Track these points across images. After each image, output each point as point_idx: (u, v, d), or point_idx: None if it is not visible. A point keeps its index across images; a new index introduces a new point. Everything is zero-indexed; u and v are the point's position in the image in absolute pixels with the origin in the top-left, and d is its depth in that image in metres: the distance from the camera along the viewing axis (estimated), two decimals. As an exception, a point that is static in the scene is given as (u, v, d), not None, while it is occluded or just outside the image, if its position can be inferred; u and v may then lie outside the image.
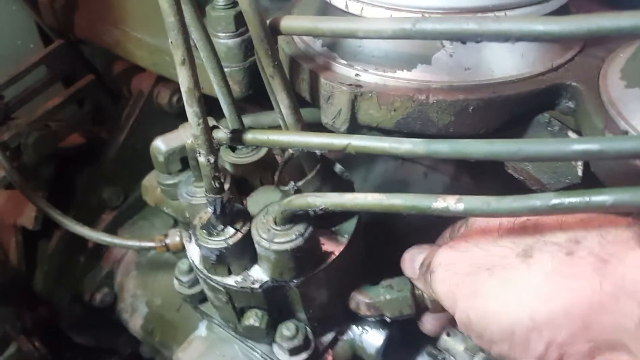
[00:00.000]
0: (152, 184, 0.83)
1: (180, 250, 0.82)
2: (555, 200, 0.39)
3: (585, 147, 0.37)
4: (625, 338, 0.38)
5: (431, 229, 0.64)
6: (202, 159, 0.52)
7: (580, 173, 0.50)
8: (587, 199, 0.38)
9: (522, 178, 0.55)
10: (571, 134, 0.51)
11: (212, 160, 0.52)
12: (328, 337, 0.68)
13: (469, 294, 0.46)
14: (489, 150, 0.41)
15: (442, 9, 0.51)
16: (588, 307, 0.39)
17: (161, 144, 0.75)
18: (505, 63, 0.53)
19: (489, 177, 0.66)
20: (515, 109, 0.52)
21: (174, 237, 0.83)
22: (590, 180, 0.51)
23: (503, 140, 0.41)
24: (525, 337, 0.42)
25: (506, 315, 0.43)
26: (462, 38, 0.40)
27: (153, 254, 0.97)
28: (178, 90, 0.97)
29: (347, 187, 0.64)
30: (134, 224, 1.02)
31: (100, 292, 0.97)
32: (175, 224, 0.92)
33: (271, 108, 0.58)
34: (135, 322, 0.96)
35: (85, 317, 1.00)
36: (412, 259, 0.60)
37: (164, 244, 0.83)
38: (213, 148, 0.52)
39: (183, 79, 0.49)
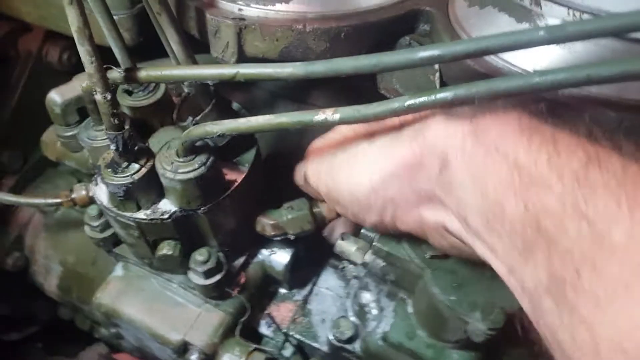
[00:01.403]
0: (51, 139, 0.83)
1: (88, 204, 0.83)
2: (410, 101, 0.47)
3: (429, 53, 0.45)
4: (434, 186, 0.48)
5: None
6: (99, 97, 0.55)
7: (438, 85, 0.59)
8: (433, 97, 0.46)
9: (392, 97, 0.62)
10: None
11: (108, 97, 0.55)
12: (240, 261, 0.74)
13: (328, 169, 0.58)
14: (355, 64, 0.48)
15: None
16: (409, 167, 0.49)
17: (56, 96, 0.76)
18: (369, -7, 0.59)
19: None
20: (380, 34, 0.59)
21: (79, 191, 0.84)
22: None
23: (365, 55, 0.47)
24: (367, 198, 0.54)
25: (352, 182, 0.55)
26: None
27: (60, 214, 0.97)
28: (67, 47, 0.95)
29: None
30: (37, 187, 1.00)
31: (11, 256, 0.95)
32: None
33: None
34: (50, 283, 0.96)
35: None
36: (299, 169, 0.68)
37: (70, 199, 0.84)
38: (108, 85, 0.54)
39: (72, 18, 0.50)
